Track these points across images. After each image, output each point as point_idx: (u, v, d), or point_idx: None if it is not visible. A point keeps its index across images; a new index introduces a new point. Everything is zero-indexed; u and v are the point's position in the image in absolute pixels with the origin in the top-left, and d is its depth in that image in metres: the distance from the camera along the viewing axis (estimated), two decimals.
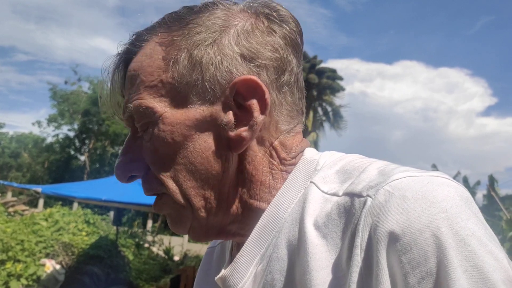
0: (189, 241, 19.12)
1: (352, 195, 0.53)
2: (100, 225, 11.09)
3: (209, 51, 0.59)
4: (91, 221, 10.67)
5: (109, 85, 0.65)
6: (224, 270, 0.64)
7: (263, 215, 0.61)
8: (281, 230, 0.59)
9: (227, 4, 0.64)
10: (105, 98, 0.66)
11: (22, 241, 8.05)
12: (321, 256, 0.52)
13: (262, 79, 0.60)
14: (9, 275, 7.41)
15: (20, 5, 60.83)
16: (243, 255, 0.61)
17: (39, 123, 35.78)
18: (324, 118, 31.26)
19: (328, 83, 29.85)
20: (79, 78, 33.70)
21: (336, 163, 0.61)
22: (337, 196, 0.55)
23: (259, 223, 0.61)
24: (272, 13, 0.63)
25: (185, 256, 13.18)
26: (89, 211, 11.16)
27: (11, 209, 12.00)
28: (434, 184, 0.49)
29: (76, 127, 34.07)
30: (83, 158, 34.50)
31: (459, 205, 0.47)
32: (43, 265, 7.83)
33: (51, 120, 34.33)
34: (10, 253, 7.67)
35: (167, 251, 12.86)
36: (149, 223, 21.40)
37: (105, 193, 7.90)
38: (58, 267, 8.08)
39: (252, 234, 0.61)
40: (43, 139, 37.33)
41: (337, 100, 30.90)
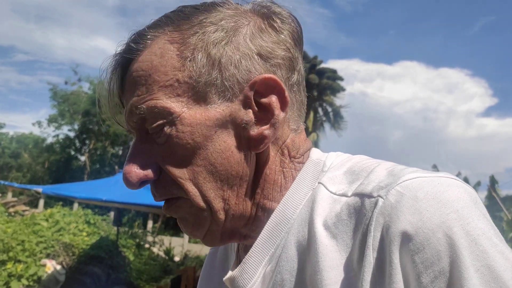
0: (189, 241, 19.11)
1: (362, 196, 0.53)
2: (100, 226, 11.10)
3: (227, 50, 0.58)
4: (92, 221, 10.67)
5: (108, 86, 0.62)
6: (231, 271, 0.64)
7: (272, 215, 0.61)
8: (290, 230, 0.59)
9: (233, 3, 0.63)
10: (104, 99, 0.63)
11: (22, 241, 8.05)
12: (331, 256, 0.52)
13: (278, 78, 0.60)
14: (10, 275, 7.41)
15: (20, 4, 60.94)
16: (252, 256, 0.61)
17: (39, 124, 35.80)
18: (324, 118, 31.27)
19: (328, 83, 29.85)
20: (79, 78, 33.67)
21: (343, 164, 0.61)
22: (346, 196, 0.55)
23: (268, 223, 0.61)
24: (277, 12, 0.63)
25: (185, 256, 13.19)
26: (89, 211, 11.16)
27: (11, 210, 12.02)
28: (444, 185, 0.49)
29: (76, 127, 34.01)
30: (83, 158, 34.47)
31: (470, 206, 0.48)
32: (44, 266, 7.83)
33: (51, 120, 34.29)
34: (10, 254, 7.67)
35: (168, 252, 12.87)
36: (150, 224, 21.40)
37: (106, 194, 7.89)
38: (58, 267, 8.08)
39: (261, 235, 0.61)
40: (44, 140, 37.33)
41: (337, 100, 30.93)
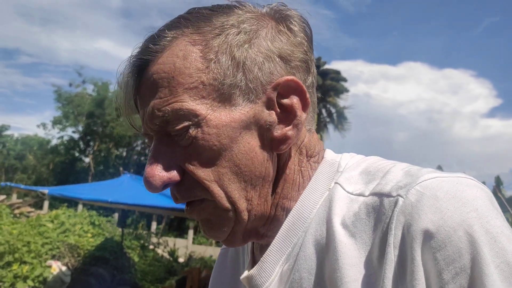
0: (193, 243, 19.14)
1: (380, 195, 0.54)
2: (105, 227, 11.12)
3: (250, 52, 0.59)
4: (97, 222, 10.69)
5: (125, 89, 0.62)
6: (247, 270, 0.66)
7: (290, 215, 0.63)
8: (308, 230, 0.60)
9: (251, 6, 0.64)
10: (121, 102, 0.63)
11: (28, 242, 8.08)
12: (350, 254, 0.54)
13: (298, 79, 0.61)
14: (16, 276, 7.45)
15: (24, 7, 61.33)
16: (270, 255, 0.62)
17: (44, 125, 36.02)
18: (328, 119, 31.27)
19: (332, 84, 29.86)
20: (84, 80, 33.89)
21: (358, 165, 0.63)
22: (363, 196, 0.57)
23: (285, 223, 0.63)
24: (292, 15, 0.64)
25: (190, 257, 13.20)
26: (94, 213, 11.19)
27: (16, 211, 12.06)
28: (462, 184, 0.51)
29: (80, 129, 34.19)
30: (87, 160, 34.61)
31: (488, 205, 0.50)
32: (49, 267, 7.86)
33: (56, 122, 34.47)
34: (16, 255, 7.70)
35: (172, 253, 12.88)
36: (154, 225, 21.46)
37: (111, 195, 7.93)
38: (64, 268, 8.11)
39: (278, 234, 0.63)
40: (48, 141, 37.53)
41: (341, 101, 30.93)
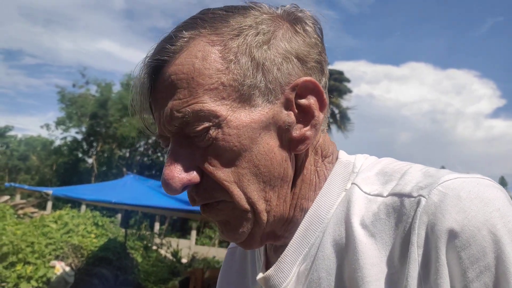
0: (196, 243, 19.17)
1: (400, 196, 0.55)
2: (108, 228, 11.15)
3: (269, 53, 0.58)
4: (100, 223, 10.72)
5: (140, 90, 0.61)
6: (261, 272, 0.66)
7: (306, 216, 0.63)
8: (325, 230, 0.61)
9: (266, 7, 0.63)
10: (136, 103, 0.62)
11: (32, 243, 8.12)
12: (371, 254, 0.54)
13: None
14: (20, 277, 7.48)
15: (27, 8, 61.59)
16: (287, 255, 0.63)
17: (47, 126, 36.14)
18: (331, 120, 31.24)
19: (335, 85, 29.83)
20: (87, 81, 33.93)
21: (373, 166, 0.64)
22: (382, 196, 0.57)
23: (302, 223, 0.63)
24: (306, 17, 0.64)
25: (193, 258, 13.21)
26: (97, 213, 11.22)
27: (20, 212, 12.13)
28: (483, 185, 0.52)
29: (84, 130, 34.24)
30: (90, 160, 34.71)
31: (508, 205, 0.51)
32: (53, 267, 7.89)
33: (59, 123, 34.58)
34: (20, 255, 7.74)
35: (175, 254, 12.89)
36: (157, 226, 21.50)
37: (115, 196, 7.95)
38: (67, 269, 8.13)
39: (296, 234, 0.63)
40: (52, 142, 37.67)
41: (344, 102, 30.89)
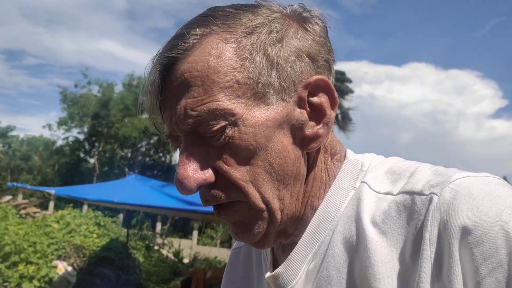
0: (198, 243, 19.17)
1: (411, 193, 0.55)
2: (110, 228, 11.17)
3: (283, 52, 0.58)
4: (102, 223, 10.74)
5: (150, 88, 0.59)
6: (269, 270, 0.66)
7: (316, 213, 0.63)
8: (335, 228, 0.61)
9: (276, 6, 0.63)
10: (146, 102, 0.61)
11: (34, 243, 8.13)
12: (382, 251, 0.54)
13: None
14: (22, 276, 7.49)
15: (29, 8, 61.73)
16: (297, 253, 0.63)
17: (49, 126, 36.21)
18: None
19: (336, 85, 29.09)
20: (89, 81, 33.98)
21: (382, 165, 0.64)
22: (392, 195, 0.57)
23: (312, 221, 0.63)
24: (314, 16, 0.63)
25: (194, 258, 13.22)
26: (99, 213, 11.24)
27: (22, 212, 12.14)
28: (494, 183, 0.52)
29: (85, 130, 34.27)
30: (92, 160, 34.75)
31: None
32: (55, 267, 7.90)
33: (61, 123, 34.63)
34: (22, 255, 7.75)
35: (177, 254, 12.90)
36: (158, 226, 21.51)
37: (117, 196, 7.94)
38: (69, 269, 8.14)
39: (305, 232, 0.63)
40: (53, 142, 37.73)
41: (346, 102, 30.84)
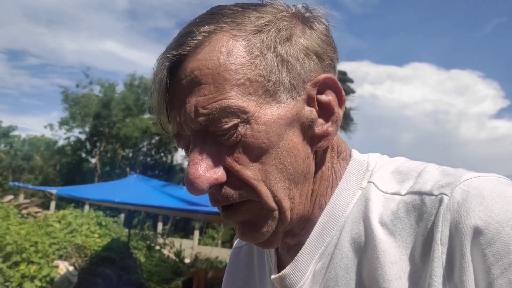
0: (199, 243, 19.18)
1: (420, 194, 0.54)
2: (112, 227, 11.18)
3: (292, 50, 0.58)
4: (103, 223, 10.75)
5: (158, 85, 0.58)
6: (274, 271, 0.66)
7: (323, 214, 0.62)
8: (343, 228, 0.60)
9: (283, 4, 0.62)
10: (153, 100, 0.59)
11: (35, 242, 8.13)
12: (391, 252, 0.54)
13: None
14: (23, 276, 7.49)
15: (30, 8, 61.84)
16: (304, 254, 0.62)
17: (51, 126, 36.26)
18: None
19: None
20: (91, 81, 34.02)
21: (388, 165, 0.63)
22: (399, 195, 0.57)
23: (319, 222, 0.62)
24: (319, 15, 0.63)
25: (195, 258, 13.22)
26: (101, 213, 11.26)
27: (24, 211, 12.14)
28: (503, 183, 0.52)
29: (87, 130, 34.36)
30: (94, 160, 34.81)
31: None
32: (57, 267, 7.90)
33: (62, 123, 34.69)
34: (24, 255, 7.75)
35: (178, 254, 12.90)
36: (160, 226, 21.53)
37: (118, 195, 7.95)
38: (71, 268, 8.14)
39: (312, 232, 0.62)
40: (55, 142, 37.80)
41: (347, 102, 30.87)
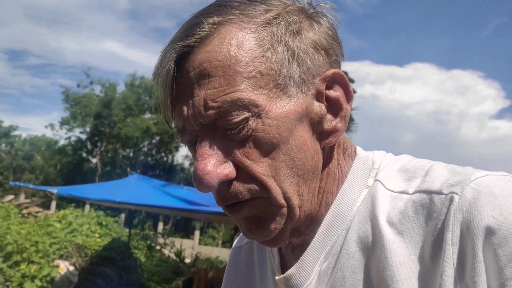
0: (199, 243, 19.18)
1: (429, 193, 0.53)
2: (112, 227, 11.18)
3: (302, 44, 0.57)
4: (104, 223, 10.75)
5: (164, 79, 0.56)
6: (277, 272, 0.65)
7: (329, 212, 0.61)
8: (349, 227, 0.59)
9: None
10: (161, 95, 0.57)
11: (36, 242, 8.13)
12: (399, 252, 0.52)
13: None
14: (24, 276, 7.49)
15: (31, 8, 61.89)
16: (310, 253, 0.61)
17: (51, 126, 36.24)
18: None
19: None
20: (91, 81, 33.99)
21: (394, 163, 0.62)
22: (407, 194, 0.56)
23: (325, 220, 0.61)
24: (325, 10, 0.62)
25: (196, 258, 13.22)
26: (101, 213, 11.26)
27: (24, 211, 12.13)
28: None
29: (88, 129, 34.34)
30: (94, 160, 34.81)
31: None
32: (57, 267, 7.90)
33: (63, 123, 34.68)
34: (24, 255, 7.75)
35: (179, 254, 12.89)
36: (160, 226, 21.54)
37: (119, 195, 7.94)
38: (71, 268, 8.14)
39: (318, 232, 0.61)
40: (56, 142, 37.82)
41: None
